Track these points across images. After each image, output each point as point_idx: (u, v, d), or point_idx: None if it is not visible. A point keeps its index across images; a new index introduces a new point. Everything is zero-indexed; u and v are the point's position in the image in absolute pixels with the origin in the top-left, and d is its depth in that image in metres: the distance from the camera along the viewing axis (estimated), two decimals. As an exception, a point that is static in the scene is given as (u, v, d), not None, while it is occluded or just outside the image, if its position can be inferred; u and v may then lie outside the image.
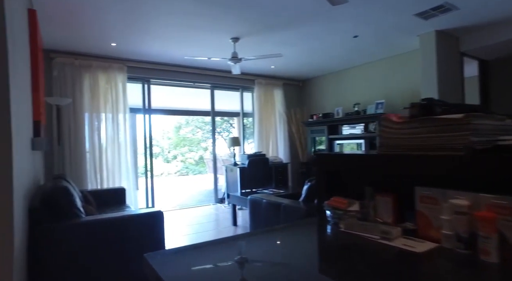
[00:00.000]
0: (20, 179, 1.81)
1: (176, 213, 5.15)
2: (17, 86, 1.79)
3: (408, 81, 4.80)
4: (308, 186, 2.68)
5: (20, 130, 1.91)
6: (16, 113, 1.74)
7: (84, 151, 4.42)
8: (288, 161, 6.38)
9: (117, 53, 4.51)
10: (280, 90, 6.47)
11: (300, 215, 2.51)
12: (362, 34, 4.03)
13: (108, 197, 3.87)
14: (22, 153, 1.93)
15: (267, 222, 2.88)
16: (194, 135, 14.26)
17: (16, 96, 1.72)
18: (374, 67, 5.29)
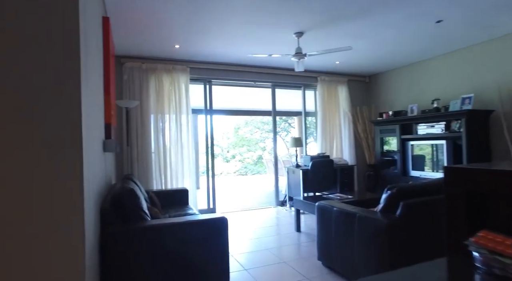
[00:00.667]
0: (92, 180, 1.80)
1: (237, 215, 5.08)
2: (89, 90, 1.78)
3: (505, 70, 4.04)
4: (389, 195, 2.32)
5: (92, 132, 1.90)
6: (88, 116, 1.73)
7: (150, 152, 4.56)
8: (353, 163, 5.93)
9: (180, 55, 4.57)
10: (344, 87, 6.04)
11: (379, 228, 2.17)
12: (447, 18, 3.47)
13: (172, 197, 3.91)
14: (94, 155, 1.93)
15: (338, 234, 2.57)
16: (252, 135, 14.34)
17: (88, 100, 1.71)
18: (459, 56, 4.58)
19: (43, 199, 1.28)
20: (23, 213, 1.24)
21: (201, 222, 2.30)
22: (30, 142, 1.28)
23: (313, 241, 3.60)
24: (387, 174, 5.34)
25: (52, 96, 1.32)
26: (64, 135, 1.36)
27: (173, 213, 3.42)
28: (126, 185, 2.40)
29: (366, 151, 6.02)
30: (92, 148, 1.87)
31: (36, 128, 1.29)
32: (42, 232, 1.27)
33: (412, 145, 4.86)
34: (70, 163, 1.37)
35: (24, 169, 1.26)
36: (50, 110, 1.32)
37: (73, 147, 1.38)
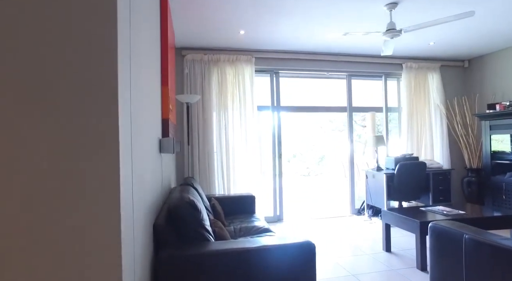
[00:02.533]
0: (140, 189, 1.34)
1: (308, 224, 4.43)
2: (137, 78, 1.33)
3: None
4: None
5: (142, 129, 1.45)
6: (136, 109, 1.27)
7: (212, 152, 4.16)
8: (448, 166, 4.86)
9: (245, 43, 4.08)
10: (436, 75, 4.99)
11: None
12: None
13: (237, 204, 3.43)
14: (144, 157, 1.48)
15: (475, 278, 1.78)
16: (315, 133, 13.49)
17: (136, 91, 1.26)
18: None
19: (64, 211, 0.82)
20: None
21: (279, 248, 1.71)
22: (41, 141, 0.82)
23: (411, 267, 2.80)
24: (503, 182, 4.19)
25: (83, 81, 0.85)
26: (96, 131, 0.88)
27: (239, 224, 2.92)
28: (185, 195, 1.93)
29: (465, 152, 4.89)
30: (141, 148, 1.41)
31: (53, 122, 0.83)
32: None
33: (542, 145, 3.70)
34: (99, 166, 0.88)
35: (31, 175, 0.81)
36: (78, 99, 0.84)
37: (105, 146, 0.90)
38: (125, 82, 1.07)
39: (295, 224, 4.44)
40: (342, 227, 4.22)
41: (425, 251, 2.75)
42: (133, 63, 1.26)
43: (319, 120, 13.17)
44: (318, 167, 13.25)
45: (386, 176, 4.25)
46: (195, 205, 1.83)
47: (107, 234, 0.90)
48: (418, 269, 2.76)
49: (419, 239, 2.73)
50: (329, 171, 13.00)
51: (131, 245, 1.11)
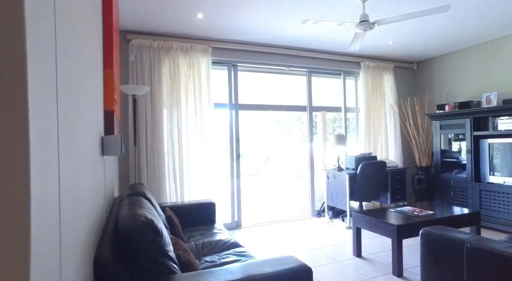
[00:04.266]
0: (74, 209, 0.86)
1: (268, 229, 4.12)
2: (70, 52, 0.85)
3: None
4: None
5: (76, 124, 0.96)
6: (67, 97, 0.80)
7: (163, 153, 3.61)
8: (401, 165, 4.96)
9: (202, 30, 3.61)
10: (390, 75, 5.07)
11: None
12: None
13: (195, 213, 2.95)
14: (76, 162, 0.99)
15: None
16: (261, 132, 13.37)
17: (67, 69, 0.78)
18: None
19: None
20: None
21: (270, 278, 1.33)
22: None
23: (387, 273, 2.64)
24: (451, 179, 4.36)
25: None
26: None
27: (200, 239, 2.47)
28: (139, 211, 1.45)
29: (416, 151, 5.04)
30: (75, 152, 0.93)
31: None
32: None
33: (490, 144, 3.88)
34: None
35: None
36: None
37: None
38: (44, 56, 0.60)
39: (255, 231, 4.09)
40: (305, 231, 3.99)
41: (401, 256, 2.60)
42: (61, 32, 0.79)
43: (266, 119, 13.06)
44: (266, 167, 13.16)
45: (349, 176, 4.13)
46: (154, 227, 1.36)
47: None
48: (394, 275, 2.60)
49: (396, 244, 2.58)
50: (278, 171, 12.97)
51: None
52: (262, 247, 3.43)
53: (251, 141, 13.05)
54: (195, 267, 1.64)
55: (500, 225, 3.72)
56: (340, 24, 2.93)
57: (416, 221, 2.69)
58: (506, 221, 3.68)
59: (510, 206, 3.66)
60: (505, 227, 3.67)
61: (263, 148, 13.47)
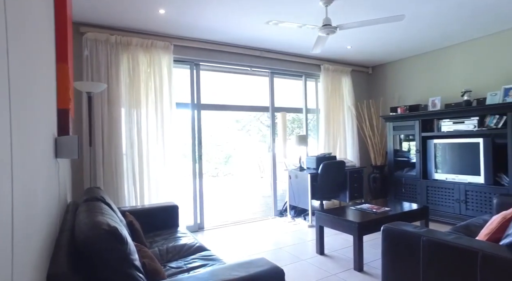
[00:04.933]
0: (26, 222, 0.77)
1: (231, 230, 4.08)
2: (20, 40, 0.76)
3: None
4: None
5: (26, 124, 0.86)
6: (19, 92, 0.71)
7: (121, 155, 3.41)
8: (358, 164, 5.21)
9: (164, 26, 3.47)
10: (348, 79, 5.29)
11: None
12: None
13: (156, 217, 2.83)
14: (30, 167, 0.89)
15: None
16: (221, 133, 13.29)
17: (18, 61, 0.69)
18: (499, 40, 3.99)
19: None
20: None
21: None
22: None
23: (349, 269, 2.75)
24: (402, 177, 4.67)
25: None
26: None
27: (163, 244, 2.37)
28: (99, 219, 1.35)
29: (371, 150, 5.32)
30: (27, 155, 0.83)
31: None
32: None
33: (435, 144, 4.22)
34: None
35: None
36: None
37: None
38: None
39: (218, 232, 4.03)
40: (268, 231, 4.02)
41: (362, 252, 2.72)
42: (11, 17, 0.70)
43: (226, 119, 13.01)
44: (226, 168, 13.09)
45: (310, 176, 4.24)
46: (119, 235, 1.27)
47: None
48: (355, 270, 2.71)
49: (357, 240, 2.69)
50: (239, 172, 12.97)
51: None
52: (227, 250, 3.39)
53: (210, 142, 12.90)
54: (162, 275, 1.57)
55: (443, 217, 4.06)
56: (301, 26, 2.99)
57: (374, 218, 2.83)
58: (448, 214, 4.03)
59: (451, 200, 4.01)
60: (447, 219, 4.00)
61: (223, 149, 13.38)
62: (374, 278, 2.56)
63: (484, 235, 1.82)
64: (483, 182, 3.71)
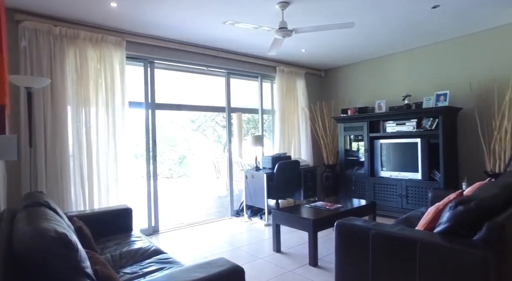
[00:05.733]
0: None
1: (187, 232, 4.00)
2: None
3: (481, 67, 3.98)
4: (460, 212, 1.70)
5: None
6: None
7: (67, 156, 3.17)
8: (312, 163, 5.42)
9: (116, 20, 3.29)
10: (302, 81, 5.48)
11: (466, 265, 1.52)
12: (445, 3, 3.11)
13: (108, 222, 2.67)
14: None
15: (383, 273, 1.86)
16: (175, 133, 12.96)
17: None
18: (434, 51, 4.41)
19: None
20: None
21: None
22: None
23: (304, 265, 2.85)
24: (352, 175, 4.96)
25: None
26: None
27: (116, 249, 2.25)
28: (44, 225, 1.25)
29: (324, 150, 5.57)
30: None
31: None
32: None
33: (381, 144, 4.55)
34: None
35: None
36: None
37: None
38: None
39: (174, 235, 3.93)
40: (225, 232, 4.02)
41: (317, 248, 2.84)
42: None
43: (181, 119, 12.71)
44: (180, 169, 12.80)
45: (266, 175, 4.31)
46: (68, 242, 1.18)
47: None
48: (311, 265, 2.82)
49: (311, 237, 2.80)
50: (194, 173, 12.74)
51: None
52: (185, 252, 3.32)
53: (165, 142, 12.52)
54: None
55: (389, 212, 4.39)
56: (258, 28, 3.04)
57: (328, 215, 2.97)
58: (393, 208, 4.36)
59: (395, 196, 4.35)
60: (392, 213, 4.34)
61: (178, 149, 13.06)
62: (328, 272, 2.68)
63: (422, 225, 2.01)
64: (420, 178, 4.09)
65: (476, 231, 1.62)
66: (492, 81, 3.80)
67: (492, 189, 1.92)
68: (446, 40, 4.28)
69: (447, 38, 4.23)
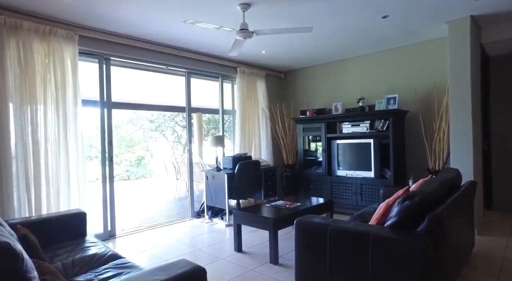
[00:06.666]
0: None
1: (145, 235, 3.87)
2: None
3: (423, 74, 4.34)
4: (406, 207, 1.85)
5: None
6: None
7: (9, 157, 2.91)
8: (272, 163, 5.52)
9: (67, 12, 3.09)
10: (263, 82, 5.57)
11: (408, 254, 1.66)
12: (393, 14, 3.36)
13: (58, 228, 2.51)
14: None
15: (340, 266, 1.96)
16: (132, 133, 12.46)
17: None
18: (385, 58, 4.72)
19: None
20: None
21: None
22: None
23: (265, 263, 2.91)
24: (311, 174, 5.13)
25: None
26: None
27: (68, 257, 2.12)
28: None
29: (284, 150, 5.70)
30: None
31: None
32: None
33: (338, 144, 4.77)
34: None
35: None
36: None
37: None
38: None
39: (132, 238, 3.79)
40: (185, 233, 3.96)
41: (277, 246, 2.91)
42: None
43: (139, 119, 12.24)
44: (138, 170, 12.34)
45: (227, 176, 4.32)
46: (12, 251, 1.10)
47: None
48: (272, 263, 2.88)
49: (272, 235, 2.86)
50: (153, 174, 12.34)
51: None
52: (144, 255, 3.22)
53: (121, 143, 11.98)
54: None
55: (345, 209, 4.62)
56: (219, 28, 3.05)
57: (288, 213, 3.06)
58: (348, 205, 4.60)
59: (350, 193, 4.59)
60: (348, 210, 4.56)
61: (135, 150, 12.57)
62: (288, 269, 2.76)
63: (374, 220, 2.15)
64: (373, 176, 4.35)
65: (420, 222, 1.78)
66: (433, 87, 4.17)
67: (433, 185, 2.12)
68: (394, 48, 4.61)
69: (395, 46, 4.56)
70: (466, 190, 2.55)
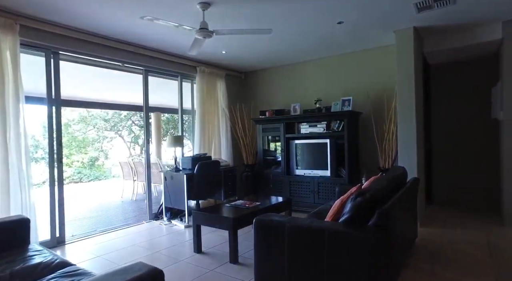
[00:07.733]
0: None
1: (101, 241, 3.68)
2: None
3: (374, 78, 4.62)
4: (358, 203, 1.97)
5: None
6: None
7: None
8: (232, 163, 5.54)
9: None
10: (223, 82, 5.55)
11: (362, 247, 1.77)
12: (347, 20, 3.54)
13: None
14: None
15: (297, 262, 2.03)
16: (85, 133, 11.75)
17: None
18: (340, 61, 4.94)
19: None
20: None
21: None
22: None
23: (225, 263, 2.91)
24: (270, 174, 5.23)
25: None
26: None
27: (7, 268, 1.94)
28: None
29: (243, 150, 5.74)
30: None
31: None
32: None
33: (296, 144, 4.91)
34: None
35: None
36: None
37: None
38: None
39: (84, 244, 3.58)
40: (143, 236, 3.83)
41: (237, 245, 2.92)
42: None
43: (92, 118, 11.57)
44: (91, 172, 11.68)
45: (187, 176, 4.25)
46: None
47: None
48: (231, 263, 2.89)
49: (232, 235, 2.88)
50: (107, 175, 11.76)
51: None
52: (97, 261, 3.05)
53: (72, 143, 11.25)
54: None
55: (303, 207, 4.77)
56: (178, 26, 3.00)
57: (247, 212, 3.09)
58: (307, 203, 4.75)
59: (308, 192, 4.75)
60: (306, 208, 4.72)
61: (88, 151, 11.89)
62: (248, 267, 2.79)
63: (330, 216, 2.26)
64: (330, 175, 4.55)
65: (371, 217, 1.90)
66: (383, 90, 4.47)
67: (382, 182, 2.28)
68: (349, 53, 4.86)
69: (349, 51, 4.81)
70: (410, 187, 2.77)
